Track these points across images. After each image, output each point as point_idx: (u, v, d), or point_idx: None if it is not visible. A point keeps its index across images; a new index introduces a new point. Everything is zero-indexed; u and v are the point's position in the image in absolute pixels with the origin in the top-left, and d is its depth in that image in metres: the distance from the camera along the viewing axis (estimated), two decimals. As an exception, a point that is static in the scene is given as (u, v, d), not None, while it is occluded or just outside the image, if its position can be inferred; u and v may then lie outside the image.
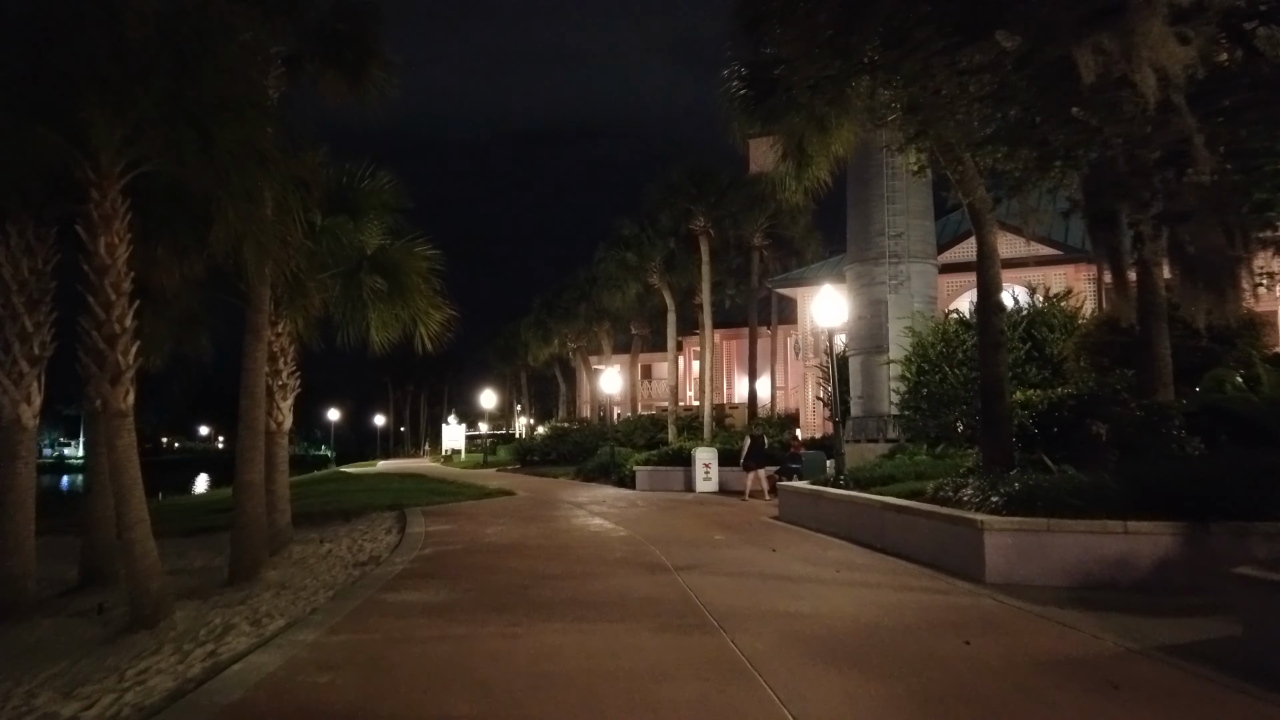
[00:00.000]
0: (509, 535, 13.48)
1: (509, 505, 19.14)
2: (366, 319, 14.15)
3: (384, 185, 13.82)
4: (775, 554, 10.86)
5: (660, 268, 31.66)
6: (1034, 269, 25.48)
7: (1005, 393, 10.56)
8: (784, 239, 32.10)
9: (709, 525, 14.33)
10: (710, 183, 29.64)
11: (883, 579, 8.85)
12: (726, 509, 17.16)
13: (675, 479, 22.63)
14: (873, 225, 21.54)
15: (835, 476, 14.11)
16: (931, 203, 22.12)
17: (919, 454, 16.97)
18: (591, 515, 16.38)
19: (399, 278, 13.55)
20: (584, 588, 8.67)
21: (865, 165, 21.89)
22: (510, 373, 61.85)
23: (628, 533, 13.39)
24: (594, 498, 20.61)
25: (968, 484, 9.95)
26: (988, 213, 10.85)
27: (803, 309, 29.90)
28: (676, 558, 10.51)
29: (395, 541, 13.41)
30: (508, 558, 11.00)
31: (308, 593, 9.23)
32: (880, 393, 21.03)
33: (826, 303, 14.52)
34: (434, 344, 14.58)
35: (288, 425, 13.57)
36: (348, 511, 18.33)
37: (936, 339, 17.83)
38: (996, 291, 10.75)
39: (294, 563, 11.88)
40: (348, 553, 12.51)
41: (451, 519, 16.24)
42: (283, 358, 13.46)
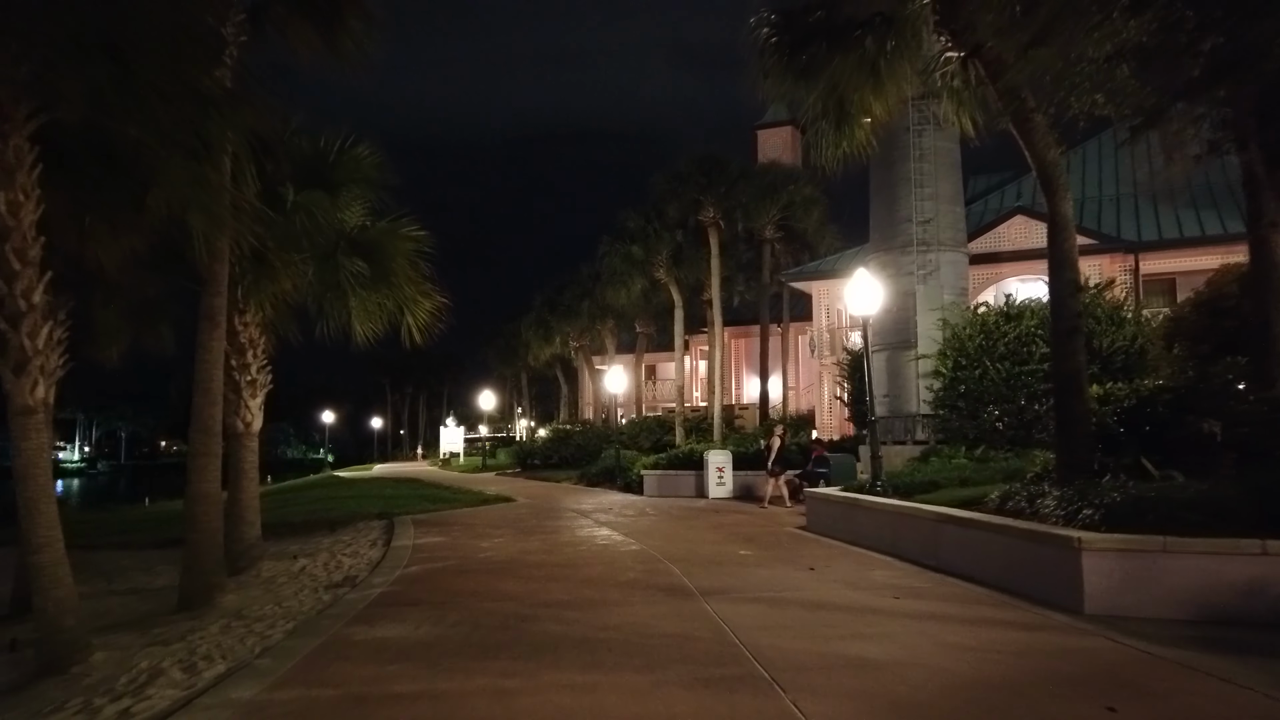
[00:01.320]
0: (506, 550, 11.98)
1: (508, 514, 17.64)
2: (347, 308, 12.65)
3: (364, 157, 12.32)
4: (814, 574, 9.35)
5: (667, 262, 30.11)
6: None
7: (1084, 386, 9.06)
8: (796, 232, 30.62)
9: (730, 537, 12.83)
10: (720, 172, 28.15)
11: (954, 609, 7.35)
12: (746, 518, 15.66)
13: (686, 484, 21.12)
14: (899, 211, 20.09)
15: (871, 483, 12.62)
16: (961, 187, 20.70)
17: (956, 457, 15.53)
18: (598, 525, 14.88)
19: (382, 261, 12.05)
20: (594, 620, 7.17)
21: (890, 147, 20.42)
22: (511, 374, 60.26)
23: (640, 546, 11.89)
24: (599, 505, 19.11)
25: (1045, 493, 8.45)
26: (1062, 176, 9.35)
27: (818, 304, 28.40)
28: (700, 579, 9.01)
29: (379, 557, 11.92)
30: (504, 579, 9.49)
31: (264, 624, 7.73)
32: (908, 391, 19.56)
33: (860, 288, 13.03)
34: (423, 335, 13.08)
35: (257, 426, 12.07)
36: (333, 521, 16.83)
37: (975, 331, 16.34)
38: (1071, 268, 9.25)
39: (261, 583, 10.38)
40: (323, 570, 11.01)
41: (444, 530, 14.75)
42: (252, 350, 11.98)
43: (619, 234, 30.92)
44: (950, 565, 9.15)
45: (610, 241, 31.11)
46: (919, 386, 19.32)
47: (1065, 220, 9.23)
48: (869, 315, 13.27)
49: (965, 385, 16.09)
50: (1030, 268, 24.88)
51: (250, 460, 11.99)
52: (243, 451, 11.89)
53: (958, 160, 20.39)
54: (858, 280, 13.10)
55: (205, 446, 9.28)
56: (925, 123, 19.90)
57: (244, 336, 11.88)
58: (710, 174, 27.86)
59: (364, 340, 13.18)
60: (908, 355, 19.46)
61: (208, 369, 9.30)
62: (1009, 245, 24.86)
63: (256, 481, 12.25)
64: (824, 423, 28.67)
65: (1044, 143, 9.29)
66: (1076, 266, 9.39)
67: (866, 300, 13.07)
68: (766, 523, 14.84)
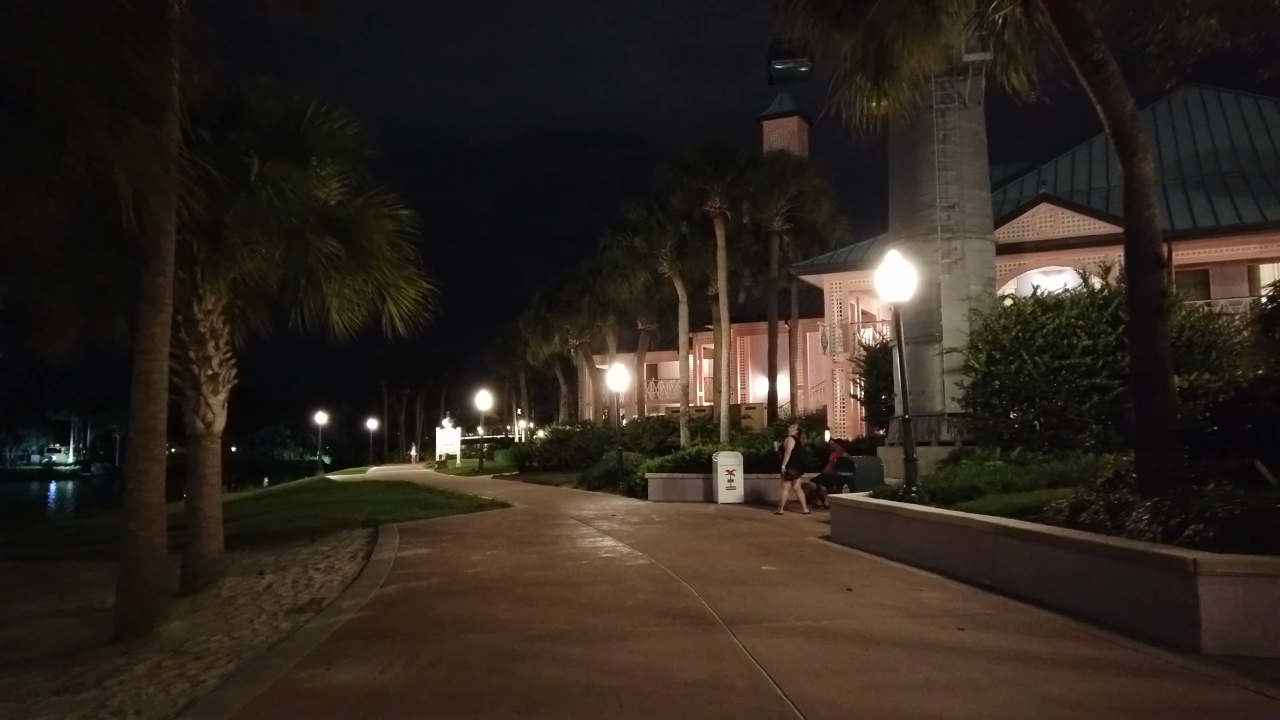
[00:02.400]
0: (499, 564, 10.68)
1: (503, 521, 16.35)
2: (323, 295, 11.37)
3: (341, 125, 11.02)
4: (854, 596, 8.06)
5: (671, 255, 28.78)
6: (1092, 249, 22.83)
7: (1169, 379, 7.78)
8: (806, 224, 29.32)
9: (748, 549, 11.54)
10: (727, 160, 26.83)
11: (1036, 645, 6.05)
12: (762, 526, 14.36)
13: (693, 488, 19.83)
14: (921, 196, 18.79)
15: (905, 488, 11.33)
16: (987, 170, 19.39)
17: (991, 459, 14.24)
18: (600, 534, 13.59)
19: (358, 241, 10.75)
20: (601, 660, 5.88)
21: (911, 128, 19.13)
22: (509, 374, 58.92)
23: (648, 560, 10.60)
24: (601, 510, 17.81)
25: (1129, 503, 7.16)
26: (1140, 133, 8.06)
27: (830, 298, 27.12)
28: (722, 602, 7.73)
29: (355, 572, 10.63)
30: (494, 602, 8.20)
31: (202, 664, 6.43)
32: (931, 388, 18.26)
33: (890, 273, 11.75)
34: (407, 325, 11.78)
35: (220, 426, 10.77)
36: (314, 530, 15.50)
37: (1010, 322, 15.04)
38: (1152, 241, 7.96)
39: (217, 605, 9.08)
40: (290, 590, 9.72)
41: (432, 540, 13.45)
42: (213, 341, 10.70)
43: (620, 226, 29.60)
44: (1012, 586, 7.87)
45: (611, 234, 29.76)
46: (944, 383, 18.02)
47: (1145, 184, 7.94)
48: (901, 302, 11.97)
49: (1000, 381, 14.80)
50: (1056, 259, 23.64)
51: (212, 464, 10.70)
52: (203, 455, 10.61)
53: (983, 142, 19.10)
54: (888, 264, 11.81)
55: (146, 449, 7.98)
56: (949, 101, 18.64)
57: (204, 326, 10.60)
58: (716, 162, 26.54)
59: (344, 332, 11.89)
60: (931, 350, 18.15)
61: (149, 359, 8.00)
62: (1033, 235, 23.58)
63: (219, 488, 10.95)
64: (836, 422, 27.37)
65: (1119, 95, 8.00)
66: (1158, 238, 8.09)
67: (898, 286, 11.79)
68: (785, 531, 13.55)
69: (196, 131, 10.35)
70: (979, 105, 18.92)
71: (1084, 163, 28.01)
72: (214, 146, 10.29)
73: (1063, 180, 27.04)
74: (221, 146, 10.34)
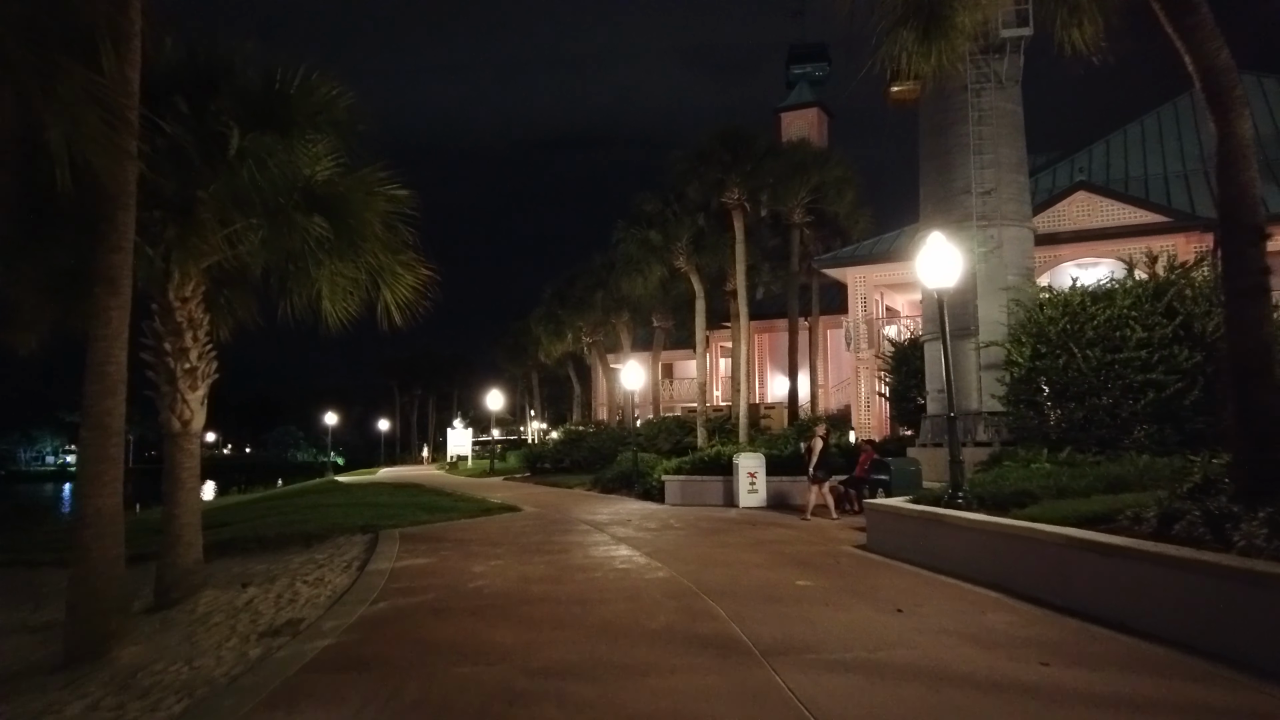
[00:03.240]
0: (503, 577, 9.69)
1: (511, 526, 15.36)
2: (314, 282, 10.43)
3: (331, 95, 10.04)
4: (907, 619, 7.02)
5: (687, 248, 27.69)
6: (1132, 240, 21.68)
7: (1273, 365, 6.69)
8: (827, 216, 28.20)
9: (777, 559, 10.50)
10: (746, 149, 25.73)
11: (1148, 687, 5.00)
12: (790, 533, 13.31)
13: (713, 491, 18.78)
14: (955, 181, 17.71)
15: (950, 493, 10.27)
16: (1025, 153, 18.26)
17: (1037, 460, 13.16)
18: (615, 542, 12.58)
19: (348, 220, 9.77)
20: (615, 704, 4.88)
21: (944, 109, 18.13)
22: (521, 374, 57.96)
23: (669, 573, 9.59)
24: (616, 515, 16.80)
25: (1236, 513, 6.10)
26: (1237, 87, 6.99)
27: (853, 293, 26.00)
28: (756, 625, 6.71)
29: (346, 585, 9.67)
30: (495, 623, 7.20)
31: (148, 702, 5.47)
32: (966, 385, 17.16)
33: (934, 256, 10.69)
34: (404, 314, 10.82)
35: (199, 424, 9.83)
36: (311, 535, 14.57)
37: (1057, 313, 13.93)
38: (1252, 208, 6.88)
39: (188, 623, 8.13)
40: (272, 605, 8.76)
41: (434, 547, 12.49)
42: (191, 331, 9.75)
43: (634, 218, 28.52)
44: (1091, 608, 6.81)
45: (625, 226, 28.67)
46: (980, 380, 16.95)
47: (1242, 144, 6.87)
48: (945, 289, 10.91)
49: (1045, 376, 13.68)
50: (1093, 249, 22.46)
51: (189, 466, 9.75)
52: (180, 456, 9.66)
53: (1021, 123, 18.00)
54: (930, 247, 10.75)
55: (101, 449, 7.03)
56: (985, 80, 17.56)
57: (181, 314, 9.65)
58: (735, 150, 25.43)
59: (336, 323, 10.94)
60: (966, 344, 17.06)
61: (104, 346, 7.06)
62: (1069, 225, 22.40)
63: (198, 492, 10.00)
64: (861, 422, 26.26)
65: (1212, 42, 6.94)
66: (1258, 206, 7.02)
67: (941, 270, 10.73)
68: (815, 539, 12.50)
69: (170, 99, 9.48)
70: (1016, 85, 17.83)
71: (1119, 150, 26.78)
72: (191, 116, 9.38)
73: (1098, 168, 25.84)
74: (200, 116, 9.41)
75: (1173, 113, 27.51)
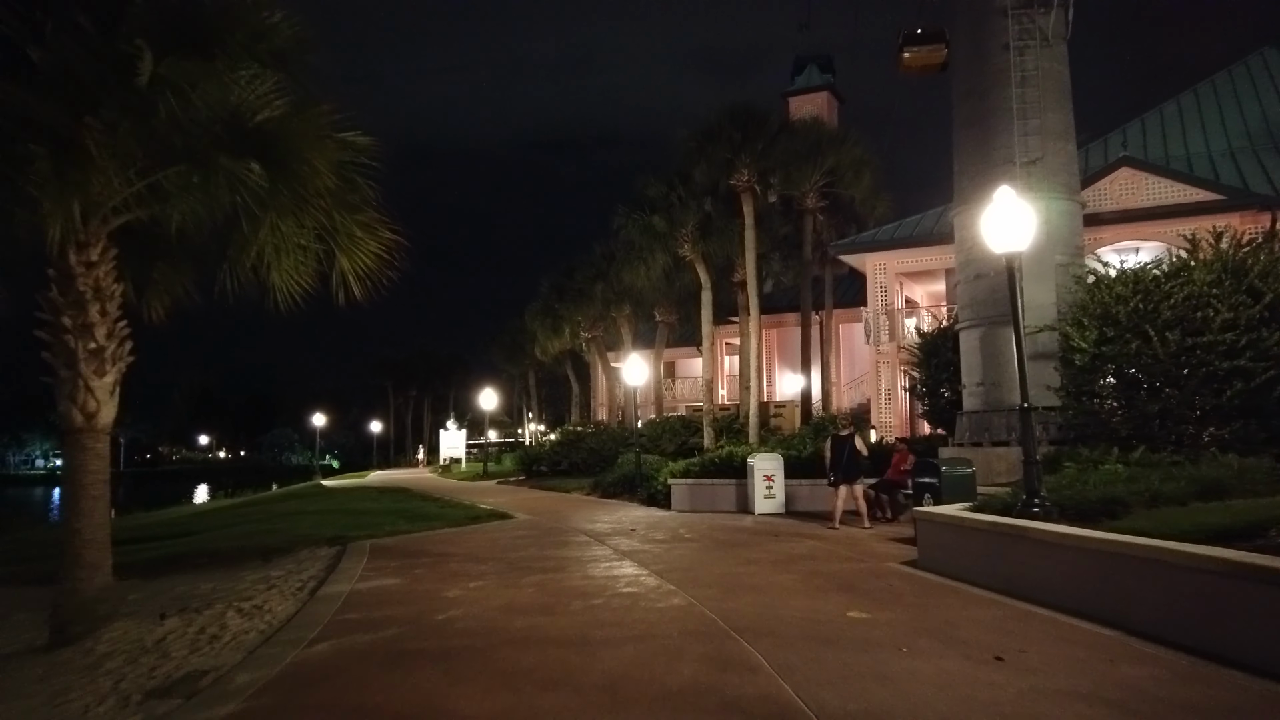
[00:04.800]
0: (483, 605, 7.87)
1: (500, 537, 13.55)
2: (254, 245, 8.62)
3: (271, 18, 8.22)
4: (1013, 672, 5.22)
5: (693, 235, 25.83)
6: (1181, 220, 19.92)
7: None
8: (842, 201, 26.38)
9: (817, 581, 8.69)
10: (757, 128, 23.91)
11: None
12: (820, 545, 11.49)
13: (724, 496, 17.00)
14: (995, 151, 15.90)
15: (1025, 501, 8.48)
16: (1072, 119, 16.43)
17: (1107, 461, 11.33)
18: (618, 557, 10.77)
19: (290, 166, 7.96)
20: None
21: (980, 71, 16.35)
22: (518, 373, 56.02)
23: (686, 598, 7.78)
24: (619, 524, 14.99)
25: None
26: None
27: (873, 282, 24.18)
28: (814, 685, 4.92)
29: (288, 615, 7.88)
30: (462, 681, 5.39)
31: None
32: (1008, 376, 15.35)
33: (1003, 214, 8.91)
34: (365, 285, 9.03)
35: (107, 418, 8.00)
36: (271, 548, 12.75)
37: (1127, 290, 12.11)
38: None
39: (74, 670, 6.33)
40: (188, 645, 6.95)
41: (407, 564, 10.69)
42: (98, 304, 7.93)
43: (637, 203, 26.64)
44: (1254, 656, 5.03)
45: (627, 212, 26.79)
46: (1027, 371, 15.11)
47: None
48: (1016, 252, 9.12)
49: (1115, 364, 11.87)
50: (1138, 231, 20.67)
51: (95, 470, 7.93)
52: (83, 457, 7.84)
53: (1068, 86, 16.20)
54: (1000, 204, 8.97)
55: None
56: (1029, 37, 15.76)
57: (84, 283, 7.85)
58: (746, 128, 23.61)
59: (287, 297, 9.13)
60: (1009, 331, 15.24)
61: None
62: (1111, 204, 20.61)
63: (107, 501, 8.16)
64: (881, 420, 24.43)
65: None
66: None
67: (1012, 231, 8.95)
68: (853, 554, 10.68)
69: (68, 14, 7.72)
70: (1063, 42, 16.04)
71: (1156, 129, 25.00)
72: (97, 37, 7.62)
73: (1134, 149, 24.01)
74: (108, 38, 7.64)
75: (1211, 90, 25.78)
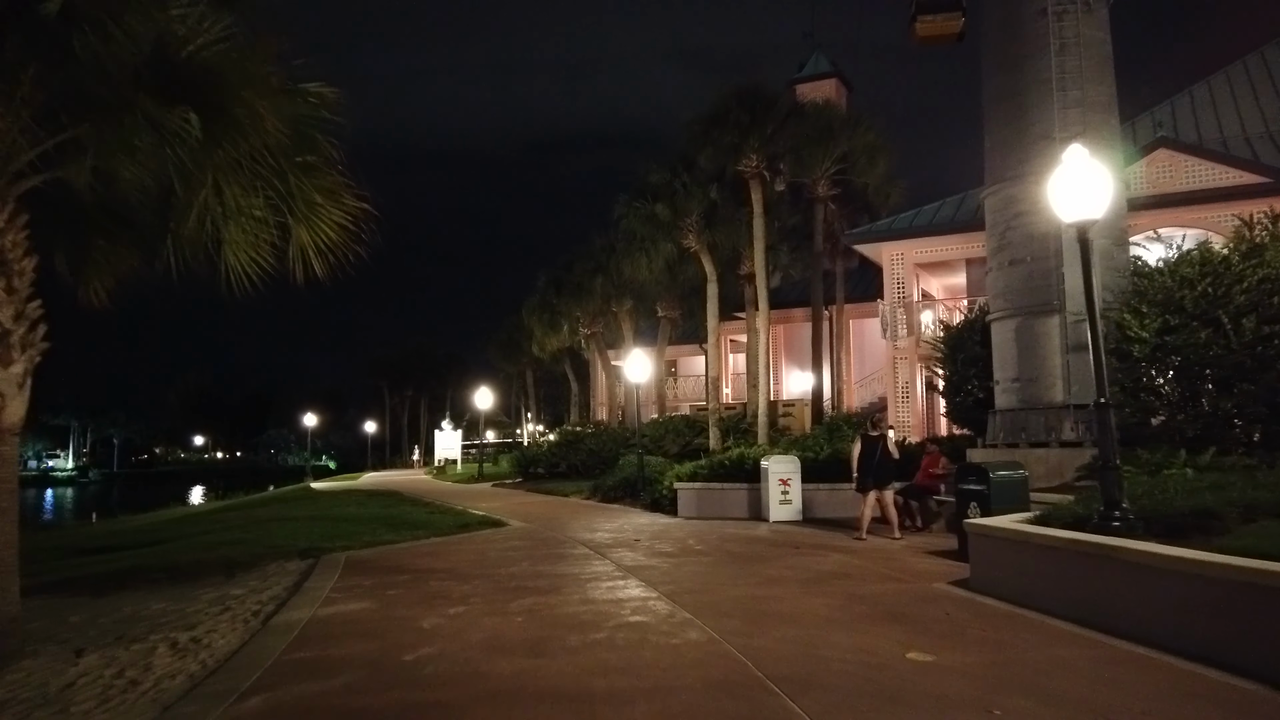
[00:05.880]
0: (462, 641, 6.55)
1: (489, 549, 12.23)
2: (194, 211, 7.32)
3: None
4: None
5: (698, 224, 24.49)
6: (1223, 205, 18.63)
7: None
8: (855, 189, 25.06)
9: (858, 608, 7.37)
10: (765, 110, 22.56)
11: None
12: (851, 561, 10.17)
13: (735, 501, 15.72)
14: (1032, 126, 14.60)
15: (1104, 512, 7.18)
16: (1115, 92, 15.11)
17: (1174, 465, 10.02)
18: (623, 575, 9.45)
19: (231, 114, 6.65)
20: None
21: (1015, 39, 15.06)
22: (515, 372, 54.63)
23: (706, 633, 6.48)
24: (621, 533, 13.67)
25: None
26: None
27: (889, 273, 22.88)
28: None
29: (230, 650, 6.57)
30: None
31: None
32: (1048, 372, 14.11)
33: (1076, 176, 7.61)
34: (326, 262, 7.76)
35: (14, 417, 6.68)
36: (235, 562, 11.43)
37: (1195, 272, 10.80)
38: None
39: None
40: (95, 697, 5.64)
41: (382, 583, 9.37)
42: (3, 279, 6.64)
43: (639, 191, 25.32)
44: None
45: (629, 200, 25.45)
46: (1068, 365, 13.85)
47: None
48: (1089, 220, 7.82)
49: (1181, 356, 10.56)
50: (1176, 217, 19.35)
51: (3, 479, 6.62)
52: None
53: (1111, 56, 14.90)
54: (1069, 165, 7.67)
55: None
56: (1068, 2, 14.45)
57: (-17, 250, 6.55)
58: (754, 111, 22.26)
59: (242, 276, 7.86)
60: (1049, 322, 14.01)
61: None
62: (1146, 189, 19.30)
63: (14, 515, 6.83)
64: (899, 419, 23.10)
65: None
66: None
67: (1085, 196, 7.65)
68: (890, 571, 9.37)
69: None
70: (1105, 7, 14.73)
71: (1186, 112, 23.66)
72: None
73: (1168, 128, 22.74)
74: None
75: (1243, 71, 24.47)
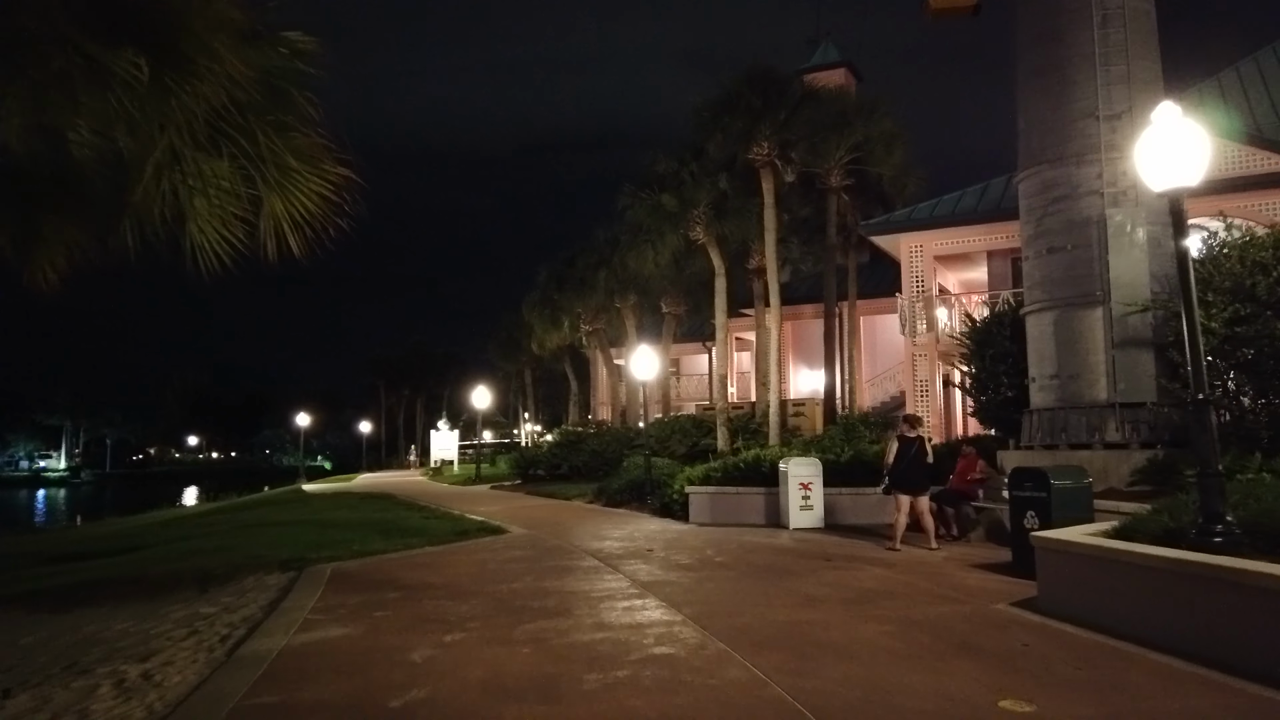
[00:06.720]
0: (459, 679, 5.53)
1: (489, 561, 11.19)
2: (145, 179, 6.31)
3: None
4: None
5: (706, 214, 23.47)
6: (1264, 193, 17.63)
7: None
8: (869, 179, 24.04)
9: (920, 639, 6.35)
10: (778, 94, 21.54)
11: None
12: (892, 575, 9.16)
13: (751, 506, 14.73)
14: (1073, 103, 13.56)
15: (1201, 526, 6.17)
16: (1160, 68, 14.10)
17: (1249, 470, 9.03)
18: (639, 592, 8.43)
19: (187, 57, 5.63)
20: None
21: (1053, 10, 14.03)
22: (514, 370, 53.55)
23: (748, 670, 5.46)
24: (632, 541, 12.66)
25: None
26: None
27: (908, 267, 21.86)
28: None
29: (186, 690, 5.55)
30: None
31: None
32: (1091, 368, 13.08)
33: (1167, 139, 6.61)
34: (303, 237, 6.76)
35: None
36: (211, 574, 10.43)
37: (1269, 256, 9.81)
38: None
39: None
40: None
41: (369, 602, 8.34)
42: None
43: (645, 180, 24.28)
44: None
45: (634, 191, 24.40)
46: (1112, 361, 12.84)
47: None
48: (1183, 188, 6.82)
49: (1255, 348, 9.57)
50: (1214, 205, 18.22)
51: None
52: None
53: (1155, 28, 13.90)
54: (1161, 124, 6.66)
55: None
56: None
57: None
58: (766, 95, 21.23)
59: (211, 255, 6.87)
60: (1091, 315, 13.00)
61: None
62: (1182, 176, 18.27)
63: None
64: (917, 420, 22.08)
65: None
66: None
67: (1179, 161, 6.64)
68: (937, 587, 8.35)
69: None
70: (1152, -24, 13.73)
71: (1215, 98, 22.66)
72: None
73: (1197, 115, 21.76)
74: None
75: (1273, 55, 23.48)
